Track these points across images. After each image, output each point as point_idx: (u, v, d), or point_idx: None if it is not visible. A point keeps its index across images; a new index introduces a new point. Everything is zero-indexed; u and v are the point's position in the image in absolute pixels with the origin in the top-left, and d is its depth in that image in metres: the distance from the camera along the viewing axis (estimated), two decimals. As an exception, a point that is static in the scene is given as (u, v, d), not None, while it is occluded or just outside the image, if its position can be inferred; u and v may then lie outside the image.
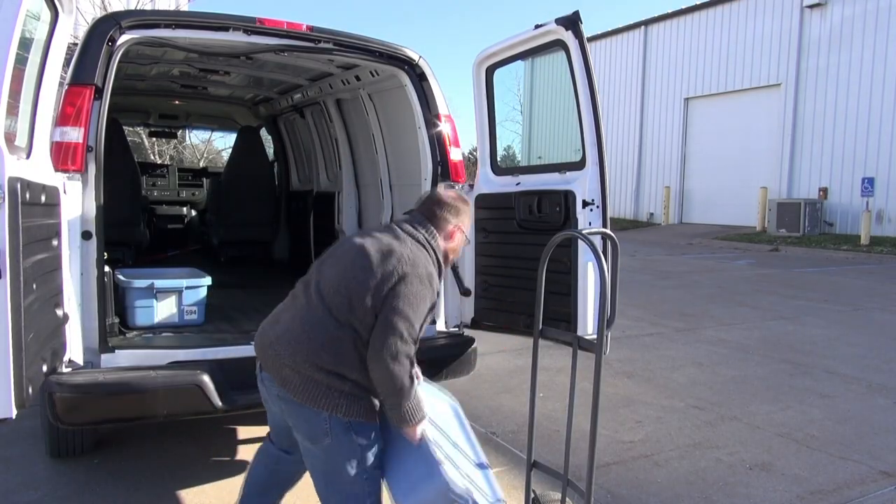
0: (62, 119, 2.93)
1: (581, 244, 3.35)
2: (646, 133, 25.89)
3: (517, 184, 3.90)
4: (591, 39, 25.74)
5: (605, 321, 2.67)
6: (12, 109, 2.40)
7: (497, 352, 6.20)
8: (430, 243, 2.45)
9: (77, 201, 2.96)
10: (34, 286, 2.39)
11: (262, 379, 2.46)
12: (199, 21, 3.47)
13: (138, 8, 13.98)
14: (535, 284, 2.94)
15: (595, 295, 3.35)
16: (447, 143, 4.01)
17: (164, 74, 5.55)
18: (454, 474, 2.36)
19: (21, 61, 2.50)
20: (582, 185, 3.41)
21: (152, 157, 23.27)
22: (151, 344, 3.38)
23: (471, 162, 19.83)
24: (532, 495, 3.03)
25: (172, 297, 3.88)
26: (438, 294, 2.49)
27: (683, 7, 24.26)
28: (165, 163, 15.73)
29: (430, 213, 2.54)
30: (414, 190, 4.30)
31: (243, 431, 4.30)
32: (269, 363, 2.37)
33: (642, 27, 25.95)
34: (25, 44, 2.52)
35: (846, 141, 19.44)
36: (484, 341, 4.13)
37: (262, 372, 2.44)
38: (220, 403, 3.06)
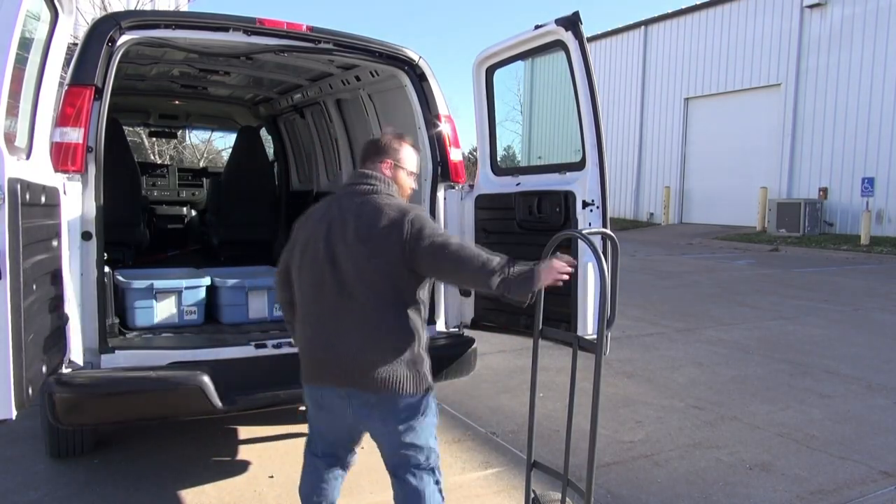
0: (62, 119, 2.93)
1: (581, 244, 3.35)
2: (646, 133, 25.88)
3: (517, 184, 3.90)
4: (591, 39, 25.74)
5: (605, 321, 2.67)
6: (12, 110, 2.40)
7: (497, 352, 6.20)
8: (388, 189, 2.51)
9: (77, 202, 2.96)
10: (34, 287, 2.39)
11: (338, 396, 2.43)
12: (199, 21, 3.47)
13: (138, 8, 13.98)
14: None
15: (595, 295, 3.35)
16: (447, 143, 4.01)
17: (164, 74, 5.55)
18: None
19: (21, 61, 2.50)
20: (582, 185, 3.41)
21: (152, 157, 23.27)
22: (151, 344, 3.38)
23: (471, 162, 19.82)
24: (532, 495, 3.03)
25: (172, 297, 3.88)
26: None
27: (683, 7, 24.26)
28: (165, 163, 15.71)
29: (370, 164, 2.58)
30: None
31: (243, 431, 4.30)
32: (354, 376, 2.36)
33: (642, 27, 25.94)
34: (25, 44, 2.52)
35: (846, 141, 19.43)
36: (484, 341, 4.13)
37: (342, 389, 2.41)
38: (219, 404, 3.06)
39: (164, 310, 3.85)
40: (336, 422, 2.52)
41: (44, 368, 2.58)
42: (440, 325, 4.02)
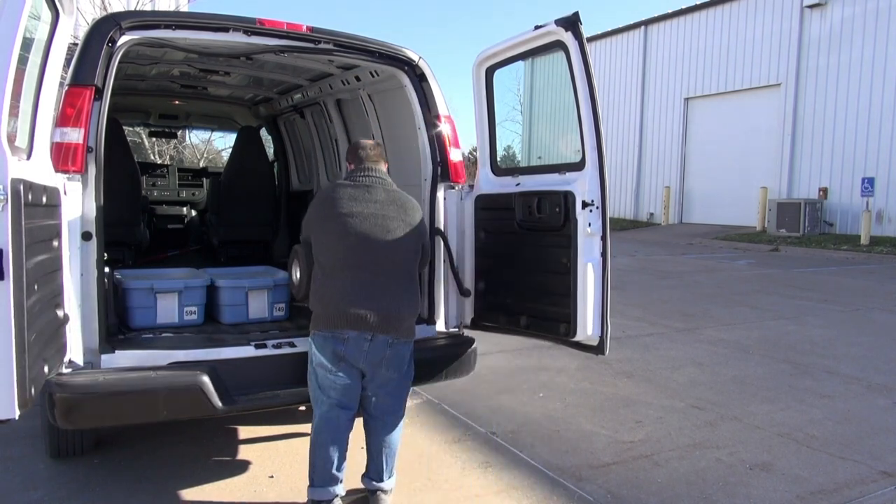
0: (62, 120, 2.93)
1: (581, 244, 3.34)
2: (646, 133, 25.89)
3: (517, 184, 3.90)
4: (591, 39, 25.76)
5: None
6: (13, 110, 2.40)
7: (497, 352, 6.20)
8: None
9: (77, 202, 2.96)
10: (36, 287, 2.40)
11: (367, 341, 3.05)
12: (199, 22, 3.47)
13: (138, 9, 13.97)
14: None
15: (595, 295, 3.34)
16: (447, 143, 4.01)
17: (164, 75, 5.55)
18: None
19: (22, 62, 2.50)
20: (581, 185, 3.41)
21: (152, 157, 23.27)
22: (151, 344, 3.38)
23: (471, 162, 19.82)
24: None
25: (172, 297, 3.88)
26: None
27: (683, 7, 24.26)
28: (165, 163, 15.71)
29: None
30: (413, 190, 4.29)
31: (243, 431, 4.30)
32: (390, 325, 3.07)
33: (642, 27, 25.95)
34: (26, 44, 2.52)
35: (846, 141, 19.43)
36: (484, 341, 4.13)
37: (375, 335, 3.05)
38: (220, 404, 3.06)
39: (164, 310, 3.85)
40: (350, 369, 3.09)
41: (45, 368, 2.58)
42: (440, 326, 4.02)
